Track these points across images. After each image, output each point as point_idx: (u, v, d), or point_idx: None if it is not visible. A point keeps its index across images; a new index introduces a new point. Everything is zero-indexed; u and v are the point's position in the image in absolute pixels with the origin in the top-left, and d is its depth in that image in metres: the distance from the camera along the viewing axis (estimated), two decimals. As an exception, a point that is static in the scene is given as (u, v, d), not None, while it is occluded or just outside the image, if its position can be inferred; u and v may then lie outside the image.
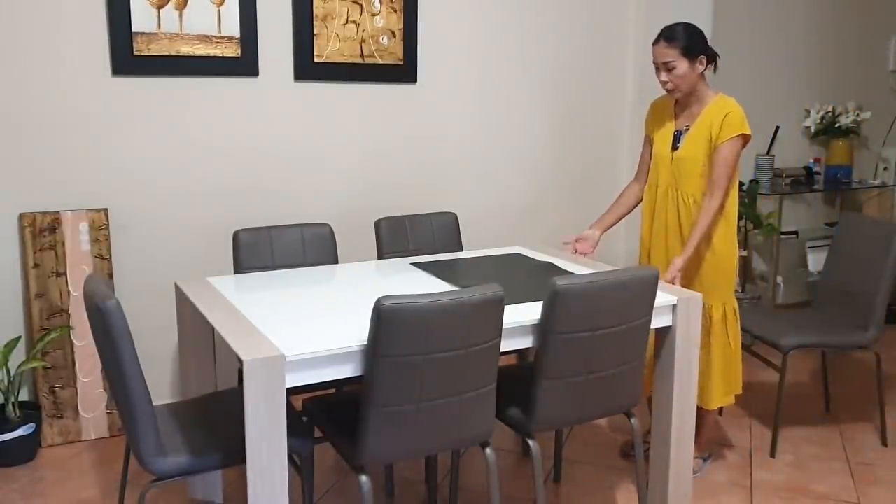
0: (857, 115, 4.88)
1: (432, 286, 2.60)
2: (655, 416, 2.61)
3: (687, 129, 2.84)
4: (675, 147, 2.85)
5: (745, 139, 2.73)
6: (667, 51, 2.70)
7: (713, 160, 2.74)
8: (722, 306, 2.86)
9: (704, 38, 2.75)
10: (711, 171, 2.75)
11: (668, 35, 2.71)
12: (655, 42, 2.75)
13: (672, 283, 2.70)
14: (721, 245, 2.83)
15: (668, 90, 2.78)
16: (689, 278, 2.84)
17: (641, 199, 3.06)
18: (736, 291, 4.44)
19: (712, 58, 2.78)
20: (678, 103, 2.89)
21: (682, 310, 2.48)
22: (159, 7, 3.18)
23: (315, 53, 3.51)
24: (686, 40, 2.70)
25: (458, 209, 3.90)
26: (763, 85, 4.83)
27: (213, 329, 2.37)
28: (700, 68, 2.74)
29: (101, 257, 3.19)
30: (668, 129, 2.90)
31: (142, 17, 3.16)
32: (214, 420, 2.28)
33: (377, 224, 3.23)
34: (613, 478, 2.98)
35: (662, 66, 2.73)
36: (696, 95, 2.80)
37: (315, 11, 3.47)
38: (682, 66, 2.71)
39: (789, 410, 3.60)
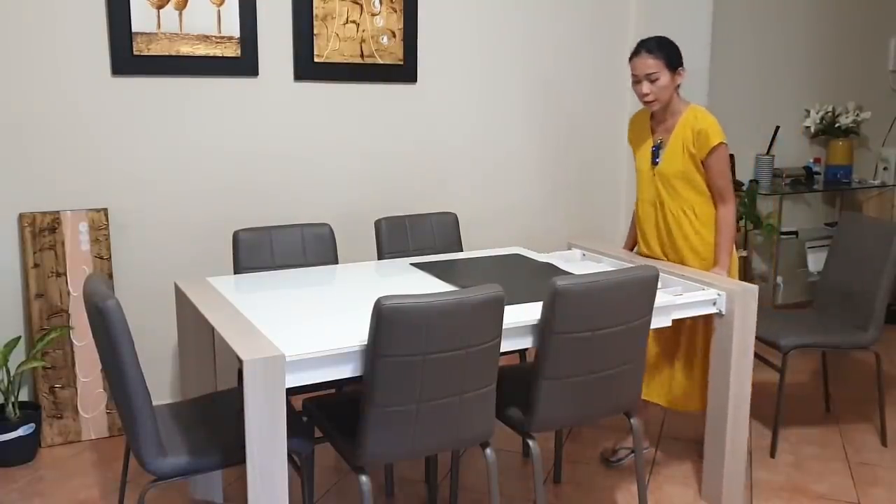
0: (857, 115, 4.88)
1: (432, 286, 2.60)
2: (710, 405, 2.71)
3: (663, 143, 2.86)
4: (654, 162, 2.88)
5: (725, 144, 2.77)
6: (651, 62, 2.72)
7: (708, 174, 2.79)
8: None
9: (680, 51, 2.78)
10: (712, 184, 2.80)
11: (651, 46, 2.74)
12: (636, 54, 2.76)
13: None
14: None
15: (647, 102, 2.79)
16: None
17: None
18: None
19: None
20: (654, 117, 2.91)
21: (739, 299, 2.57)
22: (159, 7, 3.18)
23: (315, 53, 3.51)
24: (668, 51, 2.74)
25: (458, 209, 3.89)
26: (763, 85, 4.83)
27: (212, 329, 2.37)
28: (678, 80, 2.78)
29: (101, 257, 3.19)
30: (647, 144, 2.93)
31: (142, 17, 3.16)
32: (214, 420, 2.28)
33: (377, 224, 3.23)
34: (613, 478, 2.98)
35: (645, 78, 2.74)
36: (671, 108, 2.83)
37: (315, 11, 3.47)
38: (664, 77, 2.74)
39: (789, 410, 3.60)
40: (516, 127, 4.11)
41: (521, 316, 2.26)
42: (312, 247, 3.06)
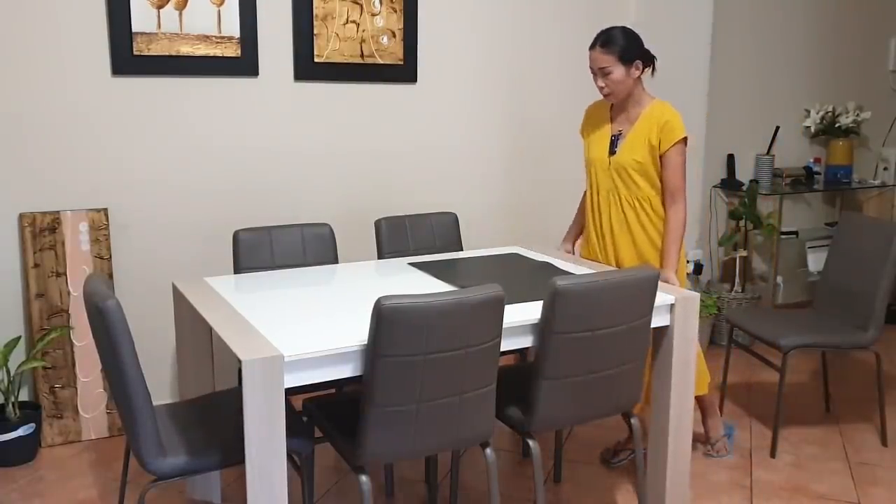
0: (857, 115, 4.88)
1: (432, 286, 2.60)
2: (654, 414, 2.62)
3: (623, 134, 2.83)
4: (612, 151, 2.85)
5: (686, 141, 2.75)
6: (603, 56, 2.70)
7: (665, 170, 2.76)
8: None
9: (641, 43, 2.74)
10: (666, 181, 2.76)
11: (605, 40, 2.71)
12: (591, 47, 2.74)
13: None
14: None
15: (604, 95, 2.78)
16: None
17: None
18: (735, 291, 4.46)
19: (649, 62, 2.77)
20: (614, 107, 2.89)
21: (680, 308, 2.49)
22: (159, 7, 3.18)
23: (315, 53, 3.51)
24: (622, 45, 2.70)
25: (457, 209, 3.90)
26: (763, 85, 4.83)
27: (210, 329, 2.37)
28: (636, 73, 2.74)
29: (101, 257, 3.19)
30: (604, 134, 2.90)
31: (142, 17, 3.16)
32: (214, 420, 2.28)
33: (377, 224, 3.23)
34: (613, 478, 2.98)
35: (599, 72, 2.73)
36: (633, 99, 2.80)
37: (315, 11, 3.47)
38: (618, 71, 2.71)
39: (789, 410, 3.60)
40: (516, 126, 4.11)
41: (521, 316, 2.26)
42: (312, 247, 3.06)
